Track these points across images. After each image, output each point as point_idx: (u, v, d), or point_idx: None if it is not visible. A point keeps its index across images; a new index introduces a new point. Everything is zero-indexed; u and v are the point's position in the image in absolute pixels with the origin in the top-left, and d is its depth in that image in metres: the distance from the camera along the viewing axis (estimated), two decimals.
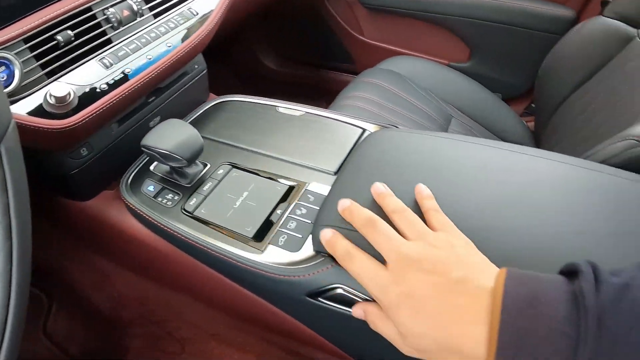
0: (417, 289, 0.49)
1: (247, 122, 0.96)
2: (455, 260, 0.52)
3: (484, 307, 0.45)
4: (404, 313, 0.50)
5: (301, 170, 0.84)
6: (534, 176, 0.71)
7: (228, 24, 1.29)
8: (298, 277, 0.69)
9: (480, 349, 0.45)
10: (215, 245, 0.75)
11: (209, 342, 1.07)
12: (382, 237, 0.57)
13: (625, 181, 0.70)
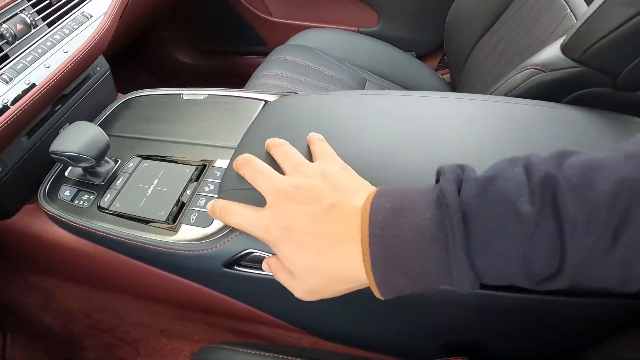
0: (294, 221, 0.49)
1: (154, 114, 0.96)
2: (328, 187, 0.51)
3: (354, 227, 0.45)
4: (286, 248, 0.49)
5: (207, 150, 0.85)
6: (431, 113, 0.74)
7: (134, 24, 1.29)
8: (211, 250, 0.71)
9: (359, 268, 0.45)
10: (132, 234, 0.76)
11: (160, 339, 1.08)
12: (258, 175, 0.56)
13: (522, 107, 0.73)
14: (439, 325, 0.79)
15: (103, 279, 0.99)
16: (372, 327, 0.86)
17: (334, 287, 0.50)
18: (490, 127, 0.71)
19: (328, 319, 0.86)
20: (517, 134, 0.70)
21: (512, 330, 0.74)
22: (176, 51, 1.68)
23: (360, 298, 0.70)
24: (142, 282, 0.90)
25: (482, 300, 0.66)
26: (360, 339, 0.93)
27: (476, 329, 0.77)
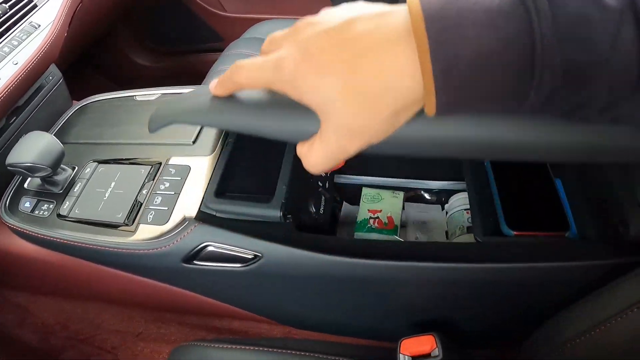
0: (310, 41, 0.35)
1: (108, 118, 0.95)
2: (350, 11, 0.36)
3: (393, 22, 0.32)
4: (304, 79, 0.34)
5: (161, 149, 0.84)
6: None
7: (87, 30, 1.28)
8: (169, 246, 0.71)
9: (410, 68, 0.31)
10: (92, 239, 0.75)
11: (137, 344, 1.08)
12: (253, 64, 0.38)
13: None
14: (408, 305, 0.79)
15: (73, 288, 0.98)
16: (343, 312, 0.86)
17: (377, 114, 0.34)
18: None
19: (296, 307, 0.87)
20: None
21: (478, 301, 0.76)
22: (133, 54, 1.67)
23: (329, 284, 0.71)
24: (111, 286, 0.90)
25: (446, 274, 0.67)
26: (332, 325, 0.93)
27: (444, 304, 0.78)
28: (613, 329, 0.52)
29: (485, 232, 0.71)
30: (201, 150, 0.82)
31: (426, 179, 1.00)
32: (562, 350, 0.60)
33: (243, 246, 0.68)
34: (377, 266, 0.66)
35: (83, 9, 1.17)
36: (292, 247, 0.67)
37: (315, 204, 0.80)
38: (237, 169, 0.76)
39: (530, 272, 0.65)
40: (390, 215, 0.93)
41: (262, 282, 0.75)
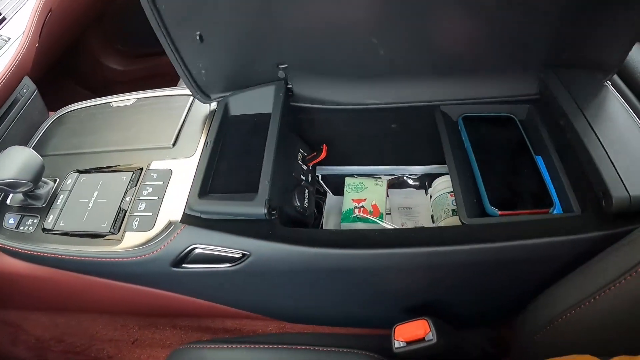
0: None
1: (86, 127, 0.95)
2: None
3: None
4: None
5: (142, 154, 0.84)
6: None
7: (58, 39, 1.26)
8: (156, 252, 0.71)
9: None
10: (79, 251, 0.75)
11: (133, 351, 1.07)
12: None
13: None
14: (399, 291, 0.80)
15: (65, 301, 0.98)
16: (335, 303, 0.86)
17: None
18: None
19: (288, 301, 0.87)
20: None
21: (468, 282, 0.76)
22: (106, 59, 1.65)
23: (319, 276, 0.71)
24: (102, 295, 0.89)
25: (434, 258, 0.68)
26: (325, 317, 0.94)
27: (434, 288, 0.79)
28: (602, 301, 0.54)
29: (470, 214, 0.71)
30: (182, 153, 0.82)
31: (408, 165, 1.00)
32: (554, 324, 0.61)
33: (230, 246, 0.68)
34: (364, 255, 0.67)
35: (52, 19, 1.16)
36: (279, 243, 0.67)
37: (299, 198, 0.80)
38: (219, 169, 0.76)
39: (517, 250, 0.65)
40: (375, 203, 0.93)
41: (252, 280, 0.75)
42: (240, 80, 0.85)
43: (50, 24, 1.15)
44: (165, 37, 0.74)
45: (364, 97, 0.87)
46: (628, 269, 0.50)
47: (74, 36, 1.35)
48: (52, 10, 1.15)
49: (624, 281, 0.51)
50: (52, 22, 1.16)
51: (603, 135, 0.70)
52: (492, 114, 0.87)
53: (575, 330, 0.59)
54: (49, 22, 1.14)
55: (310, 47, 0.80)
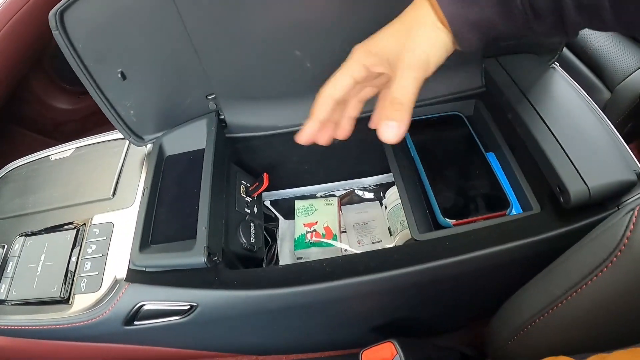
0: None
1: (28, 185, 0.92)
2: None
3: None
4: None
5: (82, 208, 0.82)
6: None
7: None
8: (106, 313, 0.69)
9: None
10: (32, 320, 0.74)
11: None
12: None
13: None
14: (360, 316, 0.79)
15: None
16: (299, 334, 0.85)
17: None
18: None
19: (252, 339, 0.86)
20: None
21: (430, 299, 0.75)
22: (53, 100, 1.61)
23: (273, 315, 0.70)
24: (65, 355, 0.88)
25: (388, 282, 0.66)
26: (293, 345, 0.93)
27: (397, 308, 0.77)
28: (569, 304, 0.52)
29: (422, 228, 0.69)
30: (121, 203, 0.80)
31: (359, 177, 0.98)
32: (524, 331, 0.60)
33: (177, 299, 0.67)
34: (313, 290, 0.65)
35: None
36: (225, 290, 0.66)
37: (244, 234, 0.78)
38: (158, 217, 0.74)
39: (477, 260, 0.64)
40: (327, 225, 0.91)
41: (206, 327, 0.73)
42: (171, 117, 0.83)
43: None
44: (86, 77, 0.72)
45: (300, 116, 0.84)
46: (590, 270, 0.49)
47: (14, 83, 1.31)
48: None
49: (589, 282, 0.49)
50: None
51: (554, 125, 0.68)
52: (437, 115, 0.85)
53: (546, 335, 0.58)
54: None
55: (236, 70, 0.78)
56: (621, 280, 0.47)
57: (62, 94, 1.60)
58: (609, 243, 0.47)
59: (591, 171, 0.61)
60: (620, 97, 1.10)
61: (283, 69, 0.78)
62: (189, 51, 0.73)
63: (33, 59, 1.41)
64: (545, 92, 0.75)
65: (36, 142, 1.56)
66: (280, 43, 0.74)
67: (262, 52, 0.75)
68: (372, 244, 0.90)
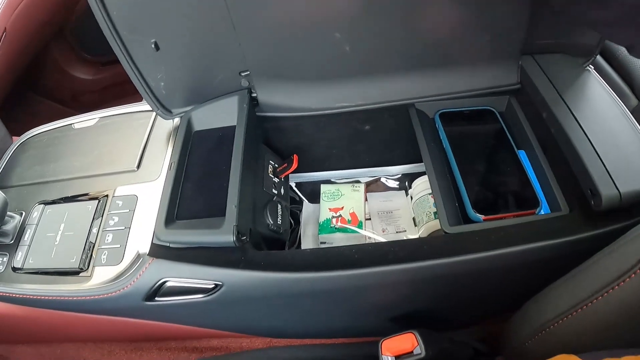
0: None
1: (49, 153, 0.91)
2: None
3: None
4: None
5: (105, 179, 0.80)
6: None
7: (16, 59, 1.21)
8: (127, 287, 0.68)
9: None
10: (49, 290, 0.72)
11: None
12: None
13: None
14: (383, 306, 0.77)
15: (45, 334, 0.95)
16: (318, 320, 0.84)
17: None
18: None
19: (270, 322, 0.84)
20: None
21: (454, 292, 0.74)
22: (73, 70, 1.59)
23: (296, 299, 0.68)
24: (82, 328, 0.87)
25: (416, 274, 0.64)
26: (310, 332, 0.91)
27: (420, 299, 0.76)
28: (596, 307, 0.51)
29: (452, 221, 0.68)
30: (146, 176, 0.79)
31: (386, 165, 0.96)
32: (546, 331, 0.59)
33: (201, 277, 0.65)
34: (342, 277, 0.64)
35: (8, 39, 1.11)
36: (251, 271, 0.64)
37: (271, 215, 0.76)
38: (184, 192, 0.73)
39: (504, 257, 0.62)
40: (353, 211, 0.90)
41: (229, 307, 0.72)
42: (201, 91, 0.81)
43: (7, 44, 1.10)
44: (119, 46, 0.69)
45: (333, 100, 0.83)
46: (619, 275, 0.47)
47: (35, 51, 1.30)
48: (7, 30, 1.10)
49: (617, 287, 0.48)
50: (8, 41, 1.11)
51: (588, 128, 0.67)
52: (470, 108, 0.84)
53: (568, 336, 0.56)
54: (4, 43, 1.08)
55: (273, 49, 0.76)
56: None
57: (82, 64, 1.58)
58: (639, 249, 0.47)
59: (623, 177, 0.61)
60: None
61: (321, 50, 0.76)
62: (227, 25, 0.71)
63: (56, 27, 1.39)
64: (581, 94, 0.74)
65: (54, 111, 1.55)
66: (322, 23, 0.72)
67: (301, 31, 0.73)
68: (396, 234, 0.88)
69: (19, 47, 1.19)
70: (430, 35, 0.76)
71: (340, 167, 0.96)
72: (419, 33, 0.75)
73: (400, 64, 0.79)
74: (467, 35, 0.76)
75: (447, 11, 0.73)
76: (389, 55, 0.78)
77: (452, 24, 0.75)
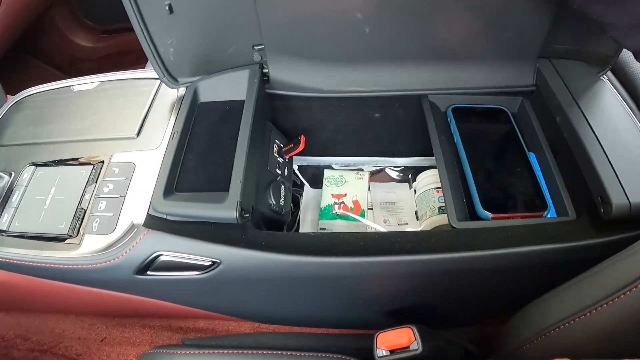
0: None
1: (45, 114, 0.87)
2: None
3: None
4: None
5: (102, 145, 0.77)
6: None
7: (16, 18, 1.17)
8: (118, 259, 0.65)
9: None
10: (35, 256, 0.69)
11: (102, 349, 1.02)
12: None
13: None
14: (381, 297, 0.75)
15: (26, 302, 0.92)
16: (312, 307, 0.82)
17: None
18: None
19: (263, 305, 0.82)
20: None
21: (456, 288, 0.72)
22: (73, 35, 1.55)
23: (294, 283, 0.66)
24: (64, 299, 0.84)
25: (420, 266, 0.63)
26: (302, 319, 0.89)
27: (420, 293, 0.74)
28: (598, 315, 0.50)
29: (460, 217, 0.66)
30: (146, 144, 0.75)
31: (391, 156, 0.94)
32: (546, 335, 0.57)
33: (199, 253, 0.62)
34: (345, 264, 0.61)
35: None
36: (252, 250, 0.62)
37: (274, 195, 0.74)
38: (186, 164, 0.70)
39: (510, 257, 0.61)
40: (356, 199, 0.88)
41: (224, 287, 0.69)
42: (211, 62, 0.78)
43: (7, 4, 1.06)
44: (131, 5, 0.67)
45: (346, 83, 0.80)
46: (625, 285, 0.47)
47: (36, 12, 1.26)
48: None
49: (622, 296, 0.47)
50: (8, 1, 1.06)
51: (602, 135, 0.66)
52: (483, 105, 0.82)
53: (568, 343, 0.55)
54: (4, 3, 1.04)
55: (290, 23, 0.73)
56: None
57: (83, 30, 1.54)
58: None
59: (634, 187, 0.61)
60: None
61: (340, 30, 0.74)
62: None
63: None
64: (595, 101, 0.73)
65: (51, 76, 1.50)
66: (344, 1, 0.69)
67: (322, 8, 0.71)
68: (398, 226, 0.87)
69: (20, 7, 1.14)
70: (451, 29, 0.74)
71: (346, 154, 0.94)
72: (440, 25, 0.73)
73: (417, 53, 0.77)
74: (487, 32, 0.75)
75: (470, 6, 0.71)
76: (407, 43, 0.76)
77: (474, 19, 0.73)
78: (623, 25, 0.53)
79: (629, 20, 0.51)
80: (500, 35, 0.75)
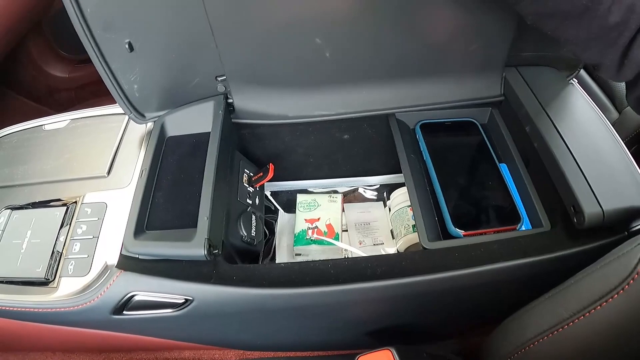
0: None
1: (18, 155, 0.87)
2: None
3: None
4: None
5: (75, 185, 0.77)
6: None
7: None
8: (94, 300, 0.65)
9: None
10: (13, 301, 0.69)
11: None
12: None
13: None
14: (359, 321, 0.76)
15: (11, 343, 0.92)
16: (293, 334, 0.82)
17: None
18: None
19: (243, 335, 0.82)
20: None
21: (432, 308, 0.73)
22: (48, 67, 1.54)
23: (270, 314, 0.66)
24: (47, 339, 0.84)
25: (393, 290, 0.63)
26: (285, 345, 0.89)
27: (397, 315, 0.75)
28: (576, 327, 0.50)
29: (431, 236, 0.66)
30: (117, 182, 0.76)
31: (364, 175, 0.94)
32: (526, 349, 0.58)
33: (171, 292, 0.63)
34: (317, 293, 0.62)
35: None
36: (223, 286, 0.62)
37: (245, 227, 0.74)
38: (155, 201, 0.70)
39: (484, 274, 0.61)
40: (330, 223, 0.88)
41: (200, 321, 0.70)
42: (176, 96, 0.78)
43: None
44: (91, 45, 0.68)
45: (311, 108, 0.81)
46: (600, 296, 0.47)
47: (9, 46, 1.25)
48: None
49: (599, 307, 0.47)
50: None
51: (571, 143, 0.66)
52: (452, 119, 0.82)
53: (548, 356, 0.55)
54: None
55: (250, 53, 0.74)
56: (630, 308, 0.45)
57: (58, 61, 1.54)
58: (621, 271, 0.46)
59: (607, 194, 0.60)
60: (628, 119, 1.10)
61: (300, 56, 0.74)
62: (204, 27, 0.69)
63: (33, 21, 1.35)
64: (564, 108, 0.73)
65: (28, 108, 1.50)
66: (302, 28, 0.70)
67: (281, 36, 0.71)
68: (373, 246, 0.87)
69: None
70: (413, 45, 0.74)
71: (318, 176, 0.94)
72: (402, 42, 0.73)
73: (381, 72, 0.78)
74: (451, 45, 0.75)
75: (430, 21, 0.71)
76: (370, 63, 0.76)
77: (435, 34, 0.73)
78: (580, 39, 0.53)
79: (585, 34, 0.52)
80: (465, 47, 0.75)
